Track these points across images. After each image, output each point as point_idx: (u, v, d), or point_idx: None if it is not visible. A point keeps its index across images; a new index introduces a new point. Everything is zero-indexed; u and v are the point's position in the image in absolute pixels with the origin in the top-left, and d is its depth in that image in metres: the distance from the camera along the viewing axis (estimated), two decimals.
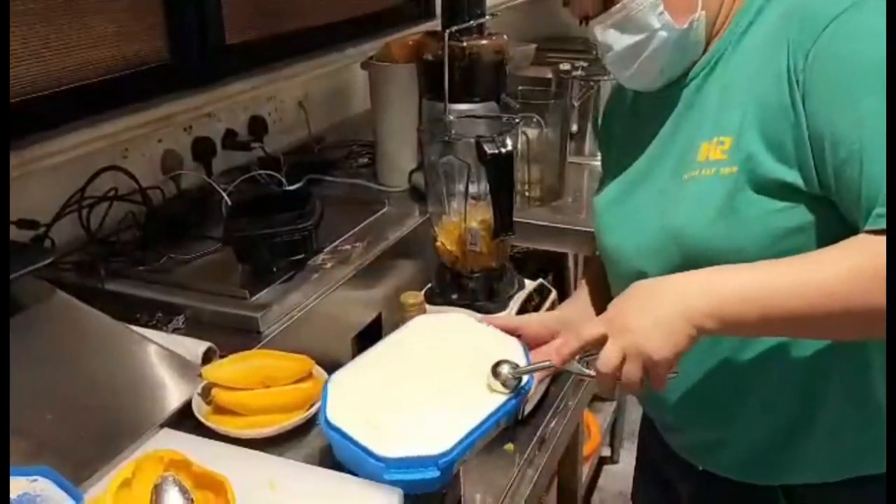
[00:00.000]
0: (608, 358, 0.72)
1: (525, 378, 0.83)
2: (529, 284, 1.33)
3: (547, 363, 0.81)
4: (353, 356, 1.29)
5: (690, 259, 0.78)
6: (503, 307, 1.29)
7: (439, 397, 0.83)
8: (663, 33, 0.81)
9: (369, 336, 1.35)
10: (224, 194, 1.37)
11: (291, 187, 1.49)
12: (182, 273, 1.25)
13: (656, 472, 1.09)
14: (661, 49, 0.82)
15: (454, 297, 1.30)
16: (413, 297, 1.10)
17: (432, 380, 0.86)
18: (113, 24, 1.44)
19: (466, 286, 1.30)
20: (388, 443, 0.76)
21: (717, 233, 0.78)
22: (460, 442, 0.76)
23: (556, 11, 3.46)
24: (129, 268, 1.25)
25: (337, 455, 0.82)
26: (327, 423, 0.79)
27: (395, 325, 1.15)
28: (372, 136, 1.72)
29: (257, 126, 1.72)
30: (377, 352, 0.92)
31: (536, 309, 1.29)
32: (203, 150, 1.57)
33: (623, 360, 0.72)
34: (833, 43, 0.72)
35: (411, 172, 1.64)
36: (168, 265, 1.26)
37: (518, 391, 0.82)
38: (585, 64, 1.81)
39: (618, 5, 0.82)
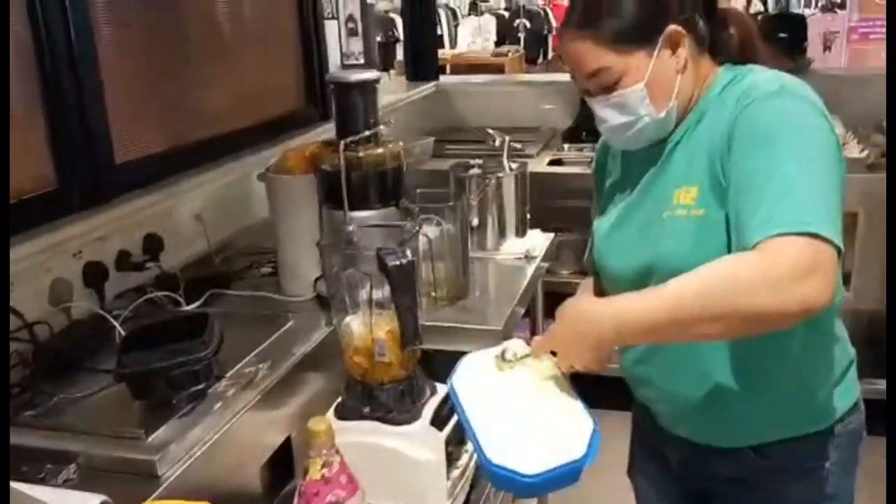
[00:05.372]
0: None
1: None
2: (442, 389, 1.32)
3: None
4: (262, 487, 1.25)
5: (667, 276, 1.00)
6: (416, 416, 1.27)
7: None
8: (647, 118, 1.11)
9: (279, 462, 1.30)
10: (117, 324, 1.31)
11: (189, 308, 1.44)
12: (73, 415, 1.17)
13: (650, 445, 1.35)
14: (645, 128, 1.13)
15: (366, 410, 1.28)
16: (322, 424, 1.06)
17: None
18: None
19: (378, 398, 1.27)
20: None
21: (692, 257, 1.02)
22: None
23: (453, 104, 3.60)
24: (14, 414, 1.16)
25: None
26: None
27: (304, 450, 1.11)
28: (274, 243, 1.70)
29: (152, 244, 1.66)
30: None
31: (451, 414, 1.27)
32: (94, 275, 1.49)
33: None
34: (749, 113, 1.03)
35: (316, 280, 1.62)
36: (58, 407, 1.18)
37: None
38: (481, 161, 1.85)
39: (616, 92, 1.10)
